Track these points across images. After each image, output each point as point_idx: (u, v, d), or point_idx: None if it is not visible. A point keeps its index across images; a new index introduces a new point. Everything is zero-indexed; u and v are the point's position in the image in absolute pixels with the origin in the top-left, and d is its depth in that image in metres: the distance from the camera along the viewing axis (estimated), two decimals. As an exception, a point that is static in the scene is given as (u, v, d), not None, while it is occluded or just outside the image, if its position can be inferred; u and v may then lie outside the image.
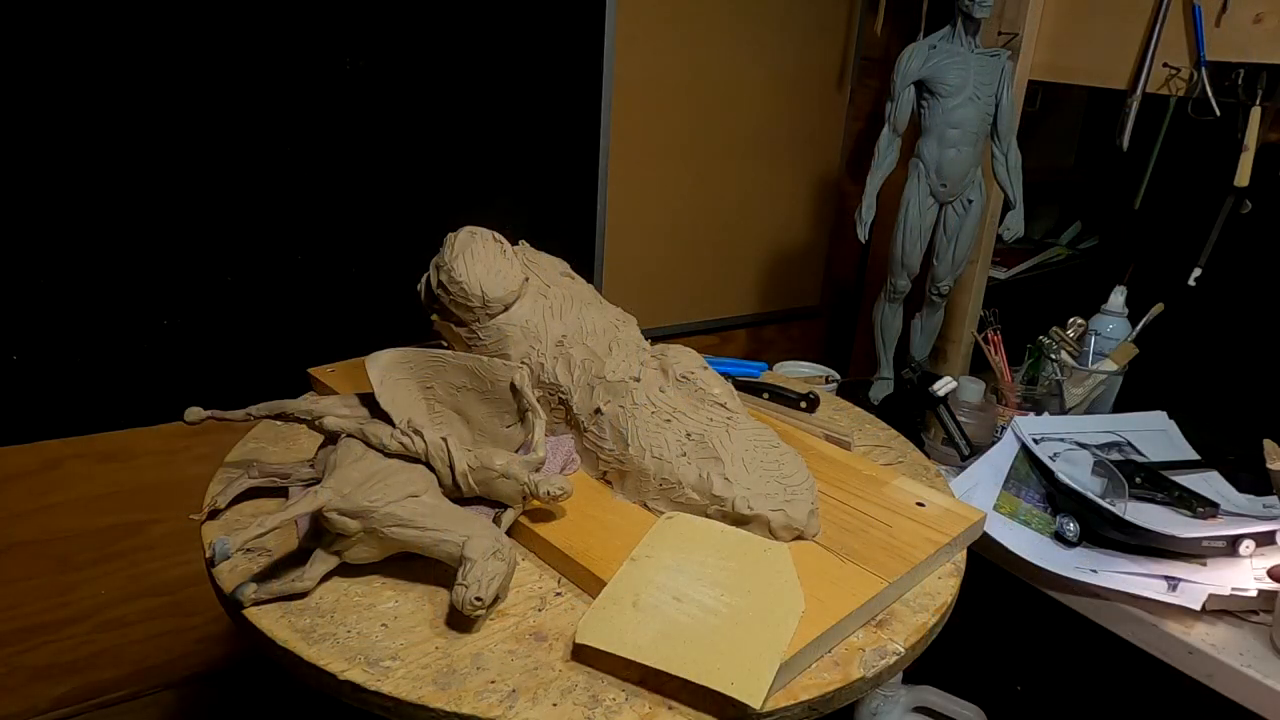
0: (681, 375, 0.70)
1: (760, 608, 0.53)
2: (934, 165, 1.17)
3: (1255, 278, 1.34)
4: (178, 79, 0.98)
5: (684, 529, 0.62)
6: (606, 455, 0.68)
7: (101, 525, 1.10)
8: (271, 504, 0.66)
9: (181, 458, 1.13)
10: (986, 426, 1.18)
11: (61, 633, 1.11)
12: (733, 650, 0.50)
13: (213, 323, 1.08)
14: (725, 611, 0.52)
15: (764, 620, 0.52)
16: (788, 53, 1.50)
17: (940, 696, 1.08)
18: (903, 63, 1.14)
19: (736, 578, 0.57)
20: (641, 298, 1.49)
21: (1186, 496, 0.99)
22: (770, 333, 1.76)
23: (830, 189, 1.69)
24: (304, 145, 1.08)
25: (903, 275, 1.27)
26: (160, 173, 1.00)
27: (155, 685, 1.21)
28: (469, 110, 1.19)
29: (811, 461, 0.71)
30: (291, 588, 0.55)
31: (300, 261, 1.12)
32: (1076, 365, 1.22)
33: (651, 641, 0.50)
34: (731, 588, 0.55)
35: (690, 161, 1.46)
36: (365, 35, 1.08)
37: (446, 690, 0.49)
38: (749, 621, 0.52)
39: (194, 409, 0.64)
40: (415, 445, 0.61)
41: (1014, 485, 1.01)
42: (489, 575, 0.52)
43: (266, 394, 0.69)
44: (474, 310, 0.73)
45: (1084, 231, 1.77)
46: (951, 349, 1.42)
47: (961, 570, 0.65)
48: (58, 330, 0.99)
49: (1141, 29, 1.10)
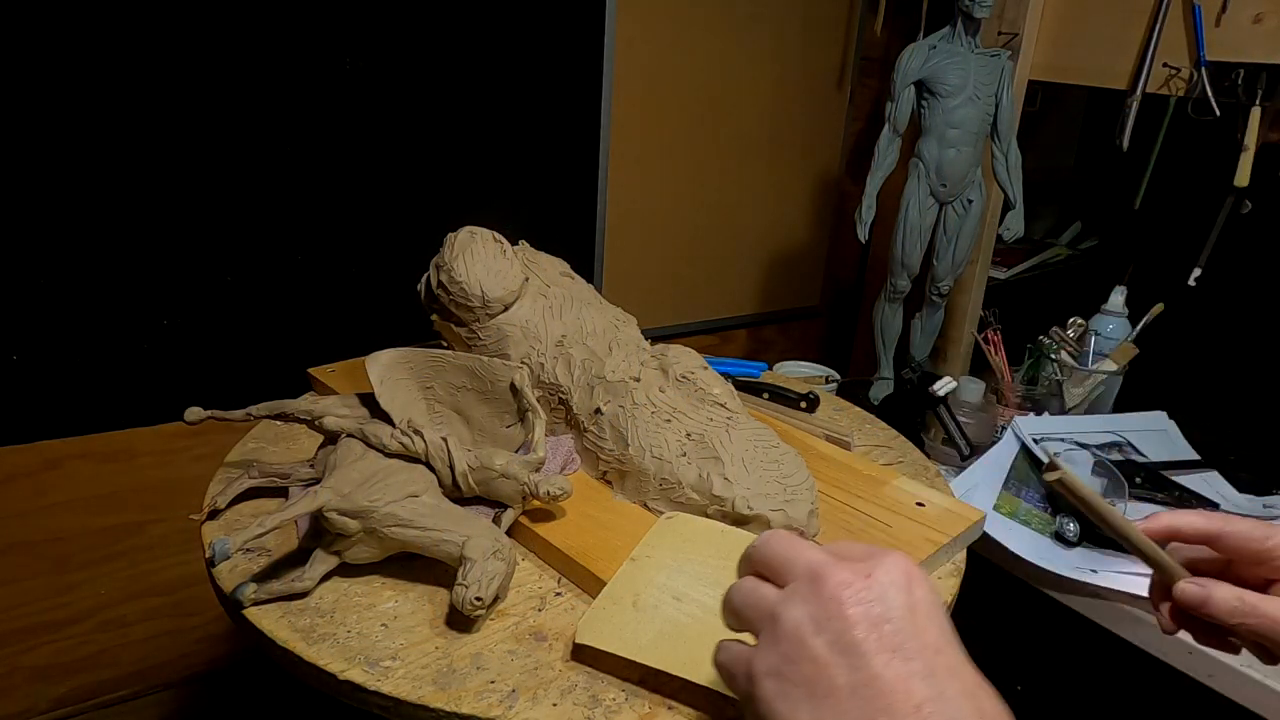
0: (681, 375, 0.70)
1: None
2: (934, 165, 1.17)
3: (1255, 278, 1.34)
4: (177, 79, 0.97)
5: (684, 529, 0.62)
6: (606, 455, 0.68)
7: (101, 525, 1.10)
8: (271, 504, 0.66)
9: (181, 458, 1.13)
10: (986, 426, 1.18)
11: (61, 633, 1.11)
12: None
13: (213, 323, 1.08)
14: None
15: None
16: (788, 53, 1.50)
17: (940, 696, 1.07)
18: (903, 63, 1.14)
19: (736, 578, 0.57)
20: (641, 298, 1.49)
21: (1186, 496, 0.99)
22: (770, 333, 1.76)
23: (830, 189, 1.69)
24: (304, 145, 1.08)
25: (903, 275, 1.27)
26: (160, 173, 1.00)
27: (155, 685, 1.21)
28: (469, 110, 1.19)
29: (811, 461, 0.71)
30: (291, 588, 0.55)
31: (300, 261, 1.12)
32: (1076, 365, 1.22)
33: (651, 641, 0.50)
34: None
35: (690, 161, 1.46)
36: (365, 35, 1.08)
37: (446, 690, 0.49)
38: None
39: (194, 409, 0.64)
40: (415, 445, 0.61)
41: (1014, 485, 1.01)
42: (489, 575, 0.52)
43: (266, 394, 0.69)
44: (474, 310, 0.73)
45: (1084, 231, 1.77)
46: (951, 349, 1.41)
47: (961, 570, 0.65)
48: (58, 330, 0.99)
49: (1141, 29, 1.10)
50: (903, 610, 0.32)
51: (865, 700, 0.30)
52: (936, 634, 0.32)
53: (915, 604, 0.32)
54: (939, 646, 0.31)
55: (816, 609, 0.32)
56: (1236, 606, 0.46)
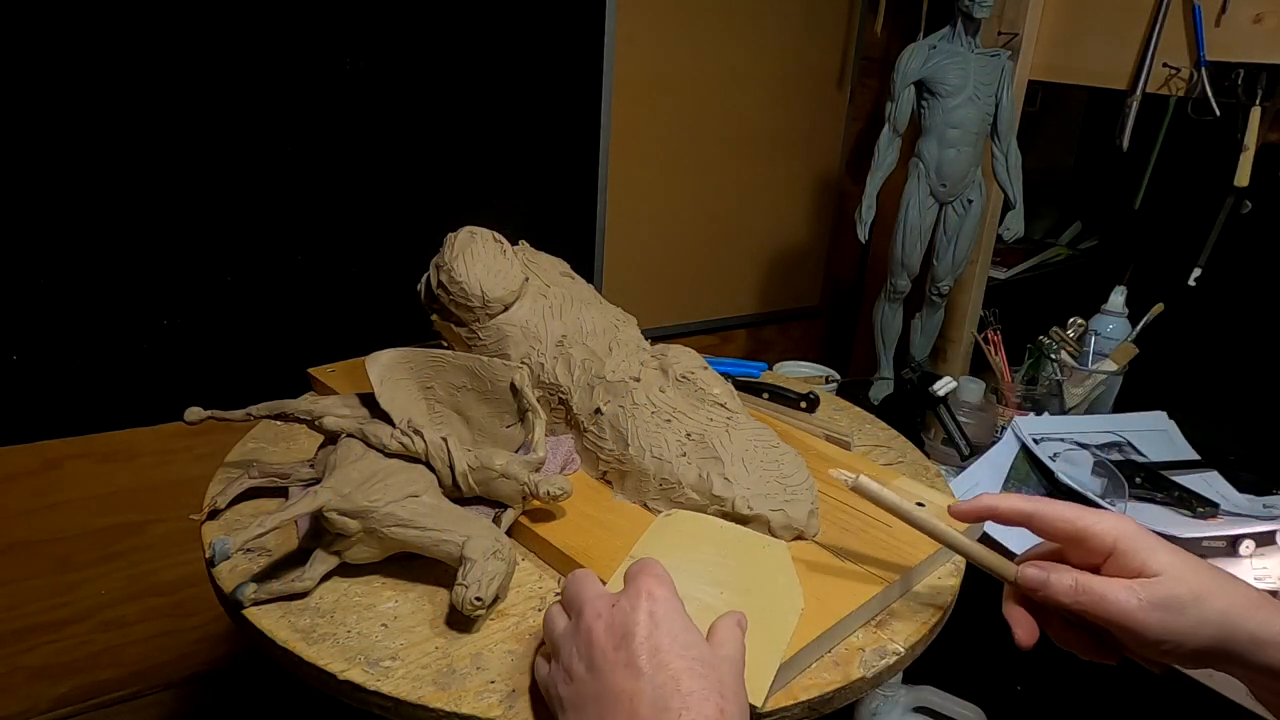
0: (681, 375, 0.70)
1: (760, 606, 0.53)
2: (934, 165, 1.17)
3: (1255, 278, 1.34)
4: (178, 79, 0.98)
5: (683, 526, 0.62)
6: (606, 455, 0.68)
7: (101, 525, 1.10)
8: (271, 504, 0.66)
9: (181, 458, 1.13)
10: (986, 426, 1.18)
11: (61, 633, 1.11)
12: None
13: (213, 323, 1.08)
14: (725, 610, 0.52)
15: (764, 619, 0.52)
16: (788, 53, 1.50)
17: (940, 696, 1.07)
18: (903, 63, 1.14)
19: (736, 575, 0.56)
20: (641, 298, 1.49)
21: (1186, 496, 0.99)
22: (770, 333, 1.76)
23: (830, 189, 1.69)
24: (304, 145, 1.08)
25: (903, 275, 1.27)
26: (160, 173, 1.00)
27: (155, 685, 1.21)
28: (469, 110, 1.19)
29: (811, 461, 0.71)
30: (291, 588, 0.55)
31: (300, 261, 1.12)
32: (1076, 365, 1.22)
33: None
34: (731, 585, 0.55)
35: (690, 161, 1.46)
36: (365, 35, 1.08)
37: (446, 690, 0.49)
38: (749, 620, 0.52)
39: (194, 409, 0.64)
40: (415, 445, 0.61)
41: (1014, 485, 1.01)
42: (489, 575, 0.52)
43: (266, 394, 0.69)
44: (474, 310, 0.73)
45: (1084, 231, 1.77)
46: (951, 349, 1.42)
47: (961, 570, 0.65)
48: (58, 330, 0.99)
49: (1141, 29, 1.10)
50: (645, 626, 0.41)
51: (604, 705, 0.39)
52: (662, 636, 0.41)
53: (654, 616, 0.42)
54: (657, 646, 0.40)
55: (578, 639, 0.43)
56: (1071, 586, 0.47)
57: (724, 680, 0.41)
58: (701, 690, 0.39)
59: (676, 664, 0.40)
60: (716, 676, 0.40)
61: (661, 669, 0.39)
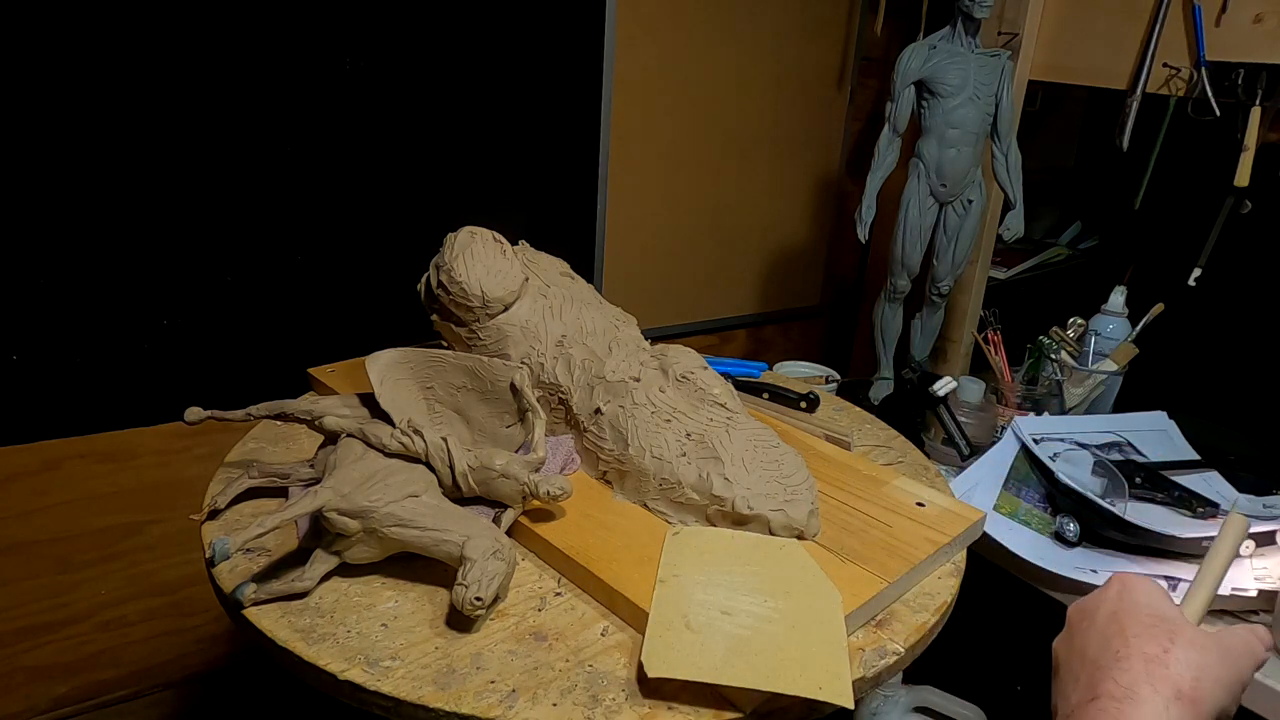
0: (681, 375, 0.70)
1: (804, 606, 0.53)
2: (934, 165, 1.17)
3: (1255, 278, 1.34)
4: (178, 79, 0.97)
5: (696, 542, 0.61)
6: (606, 455, 0.68)
7: (101, 525, 1.10)
8: (271, 504, 0.66)
9: (181, 458, 1.13)
10: (986, 426, 1.18)
11: (61, 633, 1.11)
12: (802, 653, 0.50)
13: (213, 323, 1.08)
14: (777, 617, 0.52)
15: (814, 617, 0.52)
16: (788, 53, 1.50)
17: (940, 696, 1.07)
18: (903, 63, 1.14)
19: (770, 582, 0.56)
20: (641, 298, 1.49)
21: (1186, 496, 0.98)
22: (770, 333, 1.76)
23: (830, 189, 1.69)
24: (304, 145, 1.08)
25: (903, 275, 1.27)
26: (160, 173, 1.00)
27: (155, 685, 1.21)
28: (469, 110, 1.19)
29: (811, 461, 0.71)
30: (291, 588, 0.55)
31: (300, 261, 1.12)
32: (1076, 365, 1.22)
33: (724, 660, 0.49)
34: (770, 592, 0.55)
35: (690, 161, 1.46)
36: (365, 35, 1.08)
37: (446, 690, 0.49)
38: (804, 622, 0.52)
39: (194, 409, 0.64)
40: (415, 445, 0.61)
41: (1014, 485, 1.01)
42: (489, 575, 0.52)
43: (266, 394, 0.69)
44: (474, 310, 0.73)
45: (1084, 231, 1.77)
46: (951, 349, 1.42)
47: (961, 570, 0.65)
48: (58, 330, 0.99)
49: (1141, 29, 1.10)
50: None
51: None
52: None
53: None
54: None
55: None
56: None
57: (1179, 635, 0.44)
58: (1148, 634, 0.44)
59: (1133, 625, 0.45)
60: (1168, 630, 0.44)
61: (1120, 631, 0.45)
